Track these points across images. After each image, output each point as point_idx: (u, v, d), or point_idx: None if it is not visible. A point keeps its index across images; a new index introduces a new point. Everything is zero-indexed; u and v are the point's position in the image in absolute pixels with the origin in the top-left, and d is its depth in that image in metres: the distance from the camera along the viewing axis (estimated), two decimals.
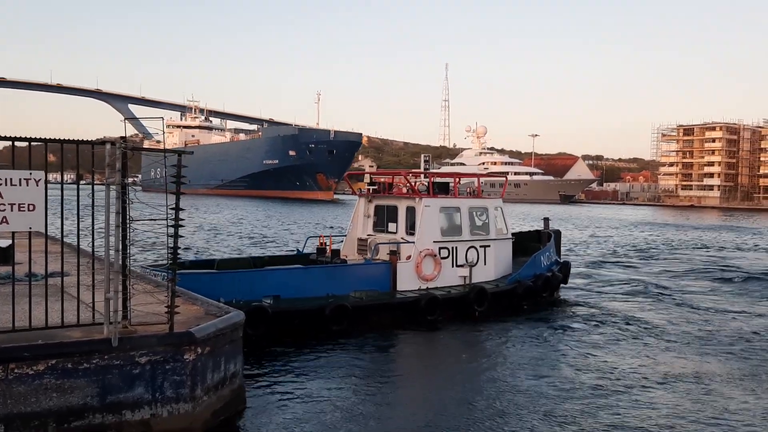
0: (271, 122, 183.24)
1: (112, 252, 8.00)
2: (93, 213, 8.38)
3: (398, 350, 15.61)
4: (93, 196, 7.98)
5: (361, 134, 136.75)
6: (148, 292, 9.18)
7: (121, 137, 7.58)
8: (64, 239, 9.40)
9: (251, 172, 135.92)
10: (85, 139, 7.83)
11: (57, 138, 7.76)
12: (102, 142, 7.54)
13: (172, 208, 8.08)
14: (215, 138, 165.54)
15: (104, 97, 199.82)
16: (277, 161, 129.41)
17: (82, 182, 10.25)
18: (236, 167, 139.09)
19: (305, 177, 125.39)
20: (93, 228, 8.60)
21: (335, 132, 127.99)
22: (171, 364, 8.10)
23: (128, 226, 7.96)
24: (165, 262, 11.94)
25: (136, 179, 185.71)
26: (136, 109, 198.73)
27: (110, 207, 7.87)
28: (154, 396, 8.04)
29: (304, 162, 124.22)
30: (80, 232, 9.02)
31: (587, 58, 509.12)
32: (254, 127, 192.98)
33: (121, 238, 7.88)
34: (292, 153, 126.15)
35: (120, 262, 7.96)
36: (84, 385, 7.70)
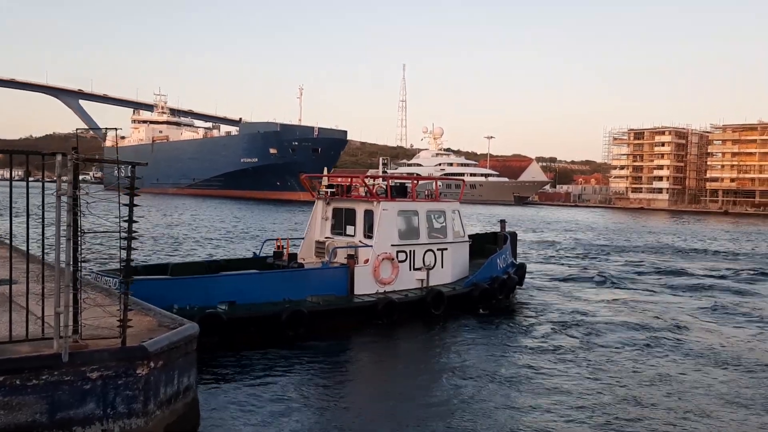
0: (235, 122, 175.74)
1: (62, 264, 7.75)
2: (43, 222, 8.12)
3: (356, 355, 15.60)
4: (43, 205, 7.72)
5: (346, 132, 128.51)
6: (101, 305, 8.92)
7: (73, 148, 7.36)
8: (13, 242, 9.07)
9: (227, 171, 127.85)
10: (35, 150, 7.57)
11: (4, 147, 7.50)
12: (53, 153, 7.30)
13: (125, 220, 7.88)
14: (186, 134, 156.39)
15: (53, 92, 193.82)
16: (256, 159, 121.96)
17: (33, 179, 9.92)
18: (210, 165, 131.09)
19: (287, 177, 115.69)
20: (43, 237, 8.33)
21: (319, 129, 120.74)
22: (123, 379, 7.90)
23: (80, 238, 7.72)
24: (118, 265, 11.65)
25: (86, 176, 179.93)
26: (88, 106, 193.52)
27: (61, 220, 7.61)
28: (105, 412, 7.83)
29: (287, 161, 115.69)
30: (35, 236, 8.74)
31: (542, 62, 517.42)
32: (209, 124, 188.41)
33: (72, 251, 7.64)
34: (273, 151, 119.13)
35: (70, 275, 7.72)
36: (33, 401, 7.46)
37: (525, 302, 21.97)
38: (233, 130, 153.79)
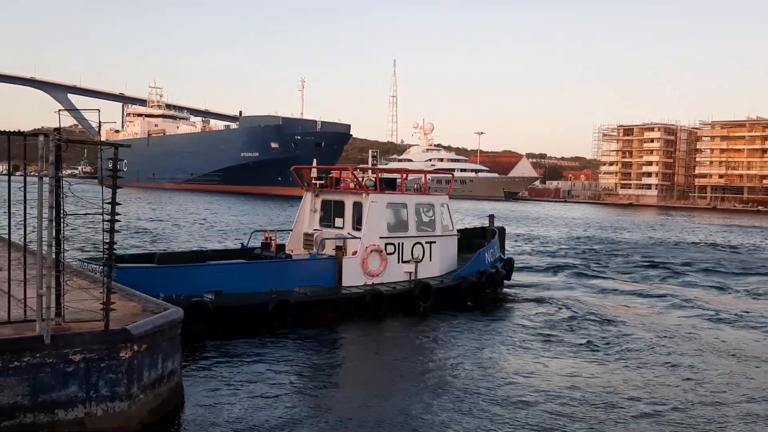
0: (233, 118, 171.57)
1: (44, 246, 7.73)
2: (25, 207, 8.11)
3: (342, 346, 15.58)
4: (25, 189, 7.70)
5: (349, 126, 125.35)
6: (84, 288, 8.91)
7: (56, 129, 7.33)
8: None
9: (226, 166, 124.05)
10: (17, 130, 7.53)
11: None
12: (35, 134, 7.27)
13: (108, 203, 7.86)
14: (183, 128, 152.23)
15: (41, 85, 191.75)
16: (257, 154, 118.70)
17: (19, 173, 9.88)
18: (208, 160, 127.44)
19: (288, 172, 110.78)
20: (25, 222, 8.32)
21: (322, 123, 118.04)
22: (106, 361, 7.88)
23: (62, 220, 7.70)
24: (102, 255, 11.60)
25: (75, 171, 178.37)
26: (77, 100, 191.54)
27: (43, 200, 7.59)
28: (88, 394, 7.82)
29: (289, 155, 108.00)
30: (18, 225, 8.71)
31: (532, 58, 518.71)
32: (199, 119, 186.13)
33: (54, 233, 7.62)
34: (274, 145, 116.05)
35: (53, 257, 7.69)
36: (15, 383, 7.44)
37: (512, 296, 22.02)
38: (232, 125, 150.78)
